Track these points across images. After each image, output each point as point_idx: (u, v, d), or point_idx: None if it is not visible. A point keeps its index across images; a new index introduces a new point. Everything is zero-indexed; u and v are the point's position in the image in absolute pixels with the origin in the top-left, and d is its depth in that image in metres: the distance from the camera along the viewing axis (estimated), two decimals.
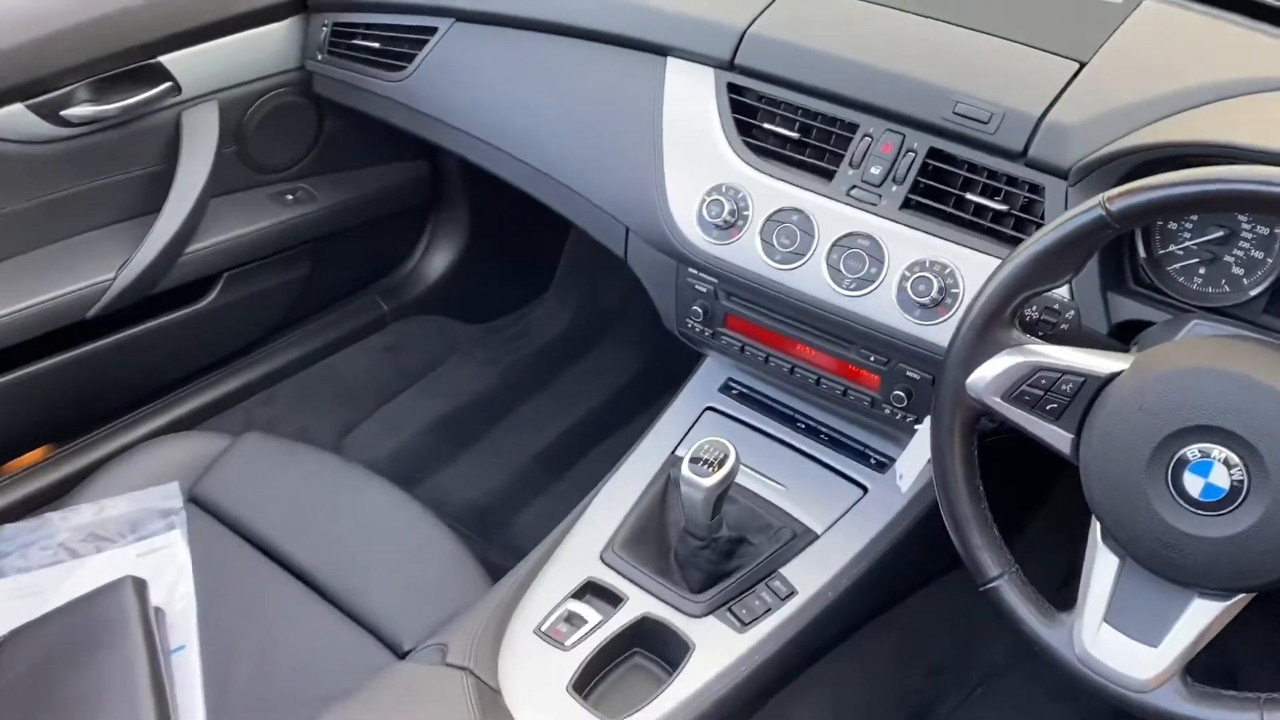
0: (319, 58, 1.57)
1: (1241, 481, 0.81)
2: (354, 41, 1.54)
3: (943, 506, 0.96)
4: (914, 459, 1.14)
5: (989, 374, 0.91)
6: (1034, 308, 1.02)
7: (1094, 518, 0.91)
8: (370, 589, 1.20)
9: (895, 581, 1.29)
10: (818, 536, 1.21)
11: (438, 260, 2.01)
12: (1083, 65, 1.11)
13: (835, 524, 1.22)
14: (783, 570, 1.18)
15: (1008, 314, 0.92)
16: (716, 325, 1.28)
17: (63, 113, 1.34)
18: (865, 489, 1.26)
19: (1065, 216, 0.88)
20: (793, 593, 1.16)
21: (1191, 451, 0.82)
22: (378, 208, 1.82)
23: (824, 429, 1.32)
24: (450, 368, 2.02)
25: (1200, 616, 0.87)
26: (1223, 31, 1.17)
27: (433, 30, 1.45)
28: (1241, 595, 0.86)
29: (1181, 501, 0.83)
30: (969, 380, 0.92)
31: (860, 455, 1.29)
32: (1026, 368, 0.90)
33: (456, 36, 1.44)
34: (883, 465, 1.27)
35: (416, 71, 1.48)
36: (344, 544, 1.27)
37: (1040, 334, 0.96)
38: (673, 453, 1.30)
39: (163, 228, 1.46)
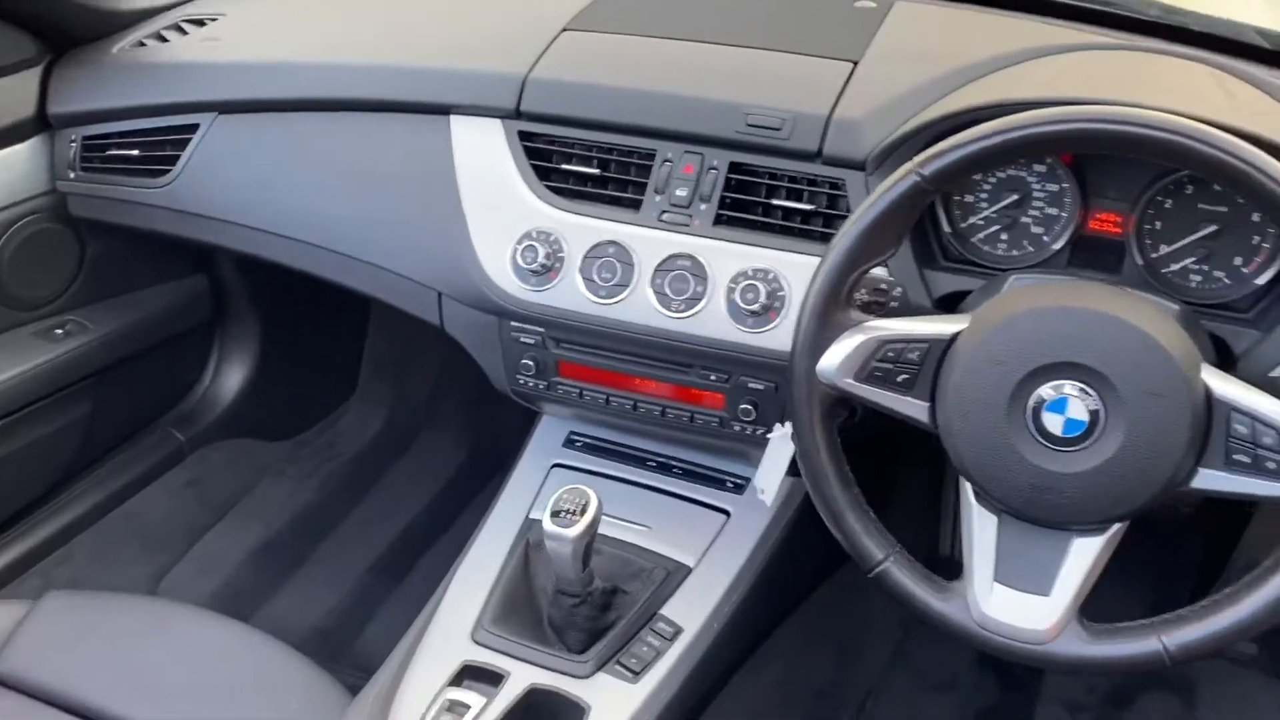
0: (71, 176, 1.46)
1: (1098, 410, 0.83)
2: (109, 153, 1.43)
3: (817, 500, 0.95)
4: (771, 471, 1.12)
5: (837, 357, 0.91)
6: (863, 291, 1.04)
7: (963, 481, 0.91)
8: None
9: (774, 603, 1.26)
10: (691, 570, 1.17)
11: (230, 380, 1.88)
12: (856, 64, 1.16)
13: (706, 553, 1.19)
14: (663, 610, 1.13)
15: (844, 295, 0.92)
16: (550, 376, 1.24)
17: None
18: (728, 513, 1.23)
19: (882, 189, 0.89)
20: (679, 631, 1.11)
21: (1046, 391, 0.84)
22: (159, 331, 1.69)
23: (675, 463, 1.29)
24: (262, 491, 1.88)
25: (1083, 556, 0.88)
26: (971, 19, 1.25)
27: (194, 128, 1.37)
28: (1116, 526, 0.88)
29: (1046, 442, 0.84)
30: (819, 367, 0.92)
31: (717, 482, 1.26)
32: (872, 344, 0.91)
33: (221, 130, 1.36)
34: (740, 487, 1.25)
35: (183, 173, 1.38)
36: (184, 691, 1.13)
37: (874, 315, 0.97)
38: (526, 517, 1.24)
39: None
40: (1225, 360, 0.98)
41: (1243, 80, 1.06)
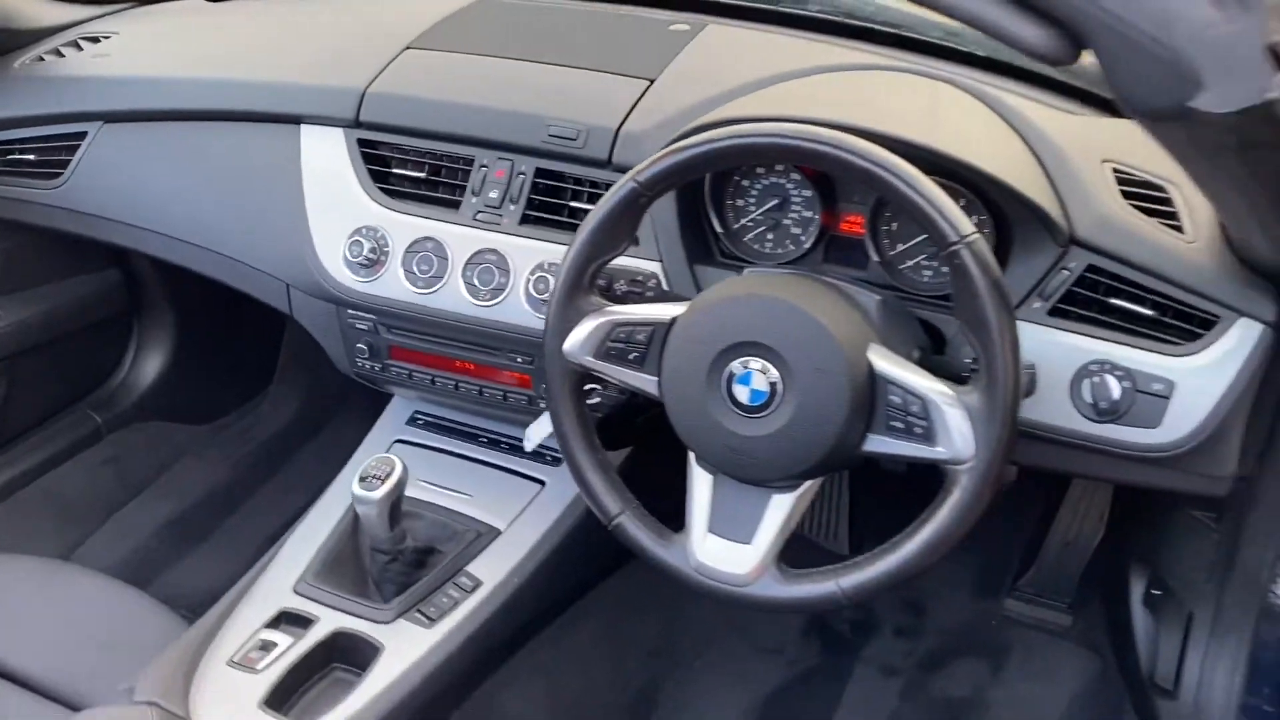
0: None
1: (776, 383, 0.96)
2: (9, 157, 1.58)
3: (567, 462, 1.09)
4: (542, 424, 1.24)
5: (579, 337, 1.05)
6: (621, 282, 1.17)
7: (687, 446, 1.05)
8: (44, 656, 1.20)
9: (584, 564, 1.40)
10: (500, 532, 1.31)
11: (149, 367, 2.03)
12: (652, 83, 1.30)
13: (517, 518, 1.33)
14: (469, 567, 1.27)
15: (585, 284, 1.06)
16: (384, 359, 1.39)
17: None
18: (543, 483, 1.37)
19: (606, 196, 1.03)
20: (478, 584, 1.25)
21: (736, 366, 0.98)
22: (74, 320, 1.84)
23: (503, 438, 1.43)
24: (178, 470, 2.03)
25: (778, 510, 1.01)
26: (768, 42, 1.38)
27: (82, 135, 1.52)
28: (808, 484, 1.01)
29: (737, 409, 0.98)
30: (565, 347, 1.06)
31: (537, 455, 1.40)
32: (606, 326, 1.04)
33: (106, 137, 1.51)
34: (558, 460, 1.39)
35: (73, 176, 1.54)
36: (29, 627, 1.25)
37: (629, 302, 1.10)
38: None
39: None
40: (938, 344, 1.11)
41: (973, 95, 1.19)
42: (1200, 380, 1.01)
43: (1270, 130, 0.54)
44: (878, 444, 0.97)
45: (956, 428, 0.93)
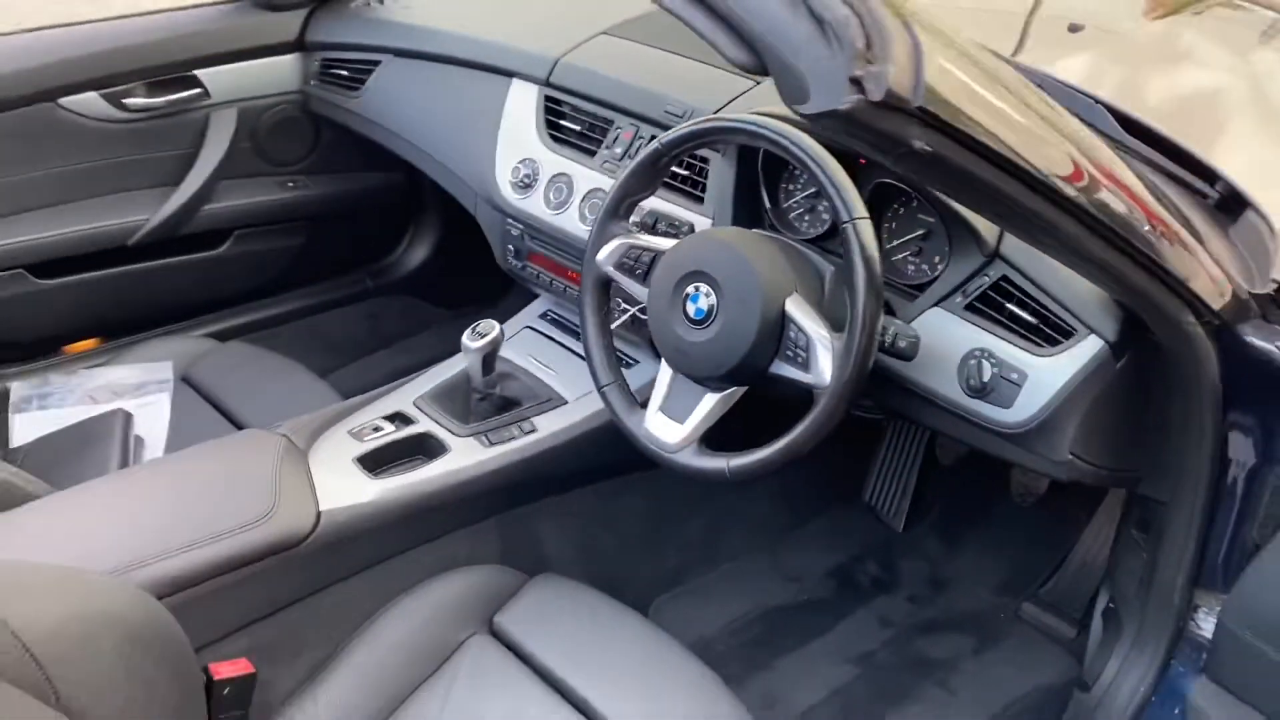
0: (312, 84, 2.22)
1: (714, 304, 1.30)
2: (332, 71, 2.18)
3: (583, 343, 1.48)
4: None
5: (605, 252, 1.44)
6: (663, 223, 1.54)
7: None
8: (258, 415, 1.74)
9: (627, 445, 1.77)
10: (566, 401, 1.72)
11: (417, 254, 2.62)
12: (758, 83, 1.64)
13: (582, 396, 1.73)
14: (534, 418, 1.69)
15: (619, 213, 1.44)
16: (524, 259, 1.83)
17: (124, 101, 2.02)
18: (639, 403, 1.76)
19: (640, 153, 1.40)
20: (534, 430, 1.67)
21: (690, 288, 1.32)
22: (363, 203, 2.44)
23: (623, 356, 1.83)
24: (420, 339, 2.60)
25: (707, 404, 1.35)
26: None
27: (377, 62, 2.08)
28: (730, 389, 1.34)
29: (688, 321, 1.32)
30: (596, 257, 1.45)
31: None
32: (624, 247, 1.42)
33: (392, 66, 2.07)
34: (630, 365, 1.77)
35: (366, 92, 2.10)
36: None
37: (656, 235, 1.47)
38: None
39: (185, 190, 2.12)
40: (889, 312, 1.38)
41: None
42: (1045, 376, 1.23)
43: (859, 129, 0.82)
44: (778, 367, 1.29)
45: (824, 361, 1.23)
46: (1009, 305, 1.29)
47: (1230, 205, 1.36)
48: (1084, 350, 1.22)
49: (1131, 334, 1.20)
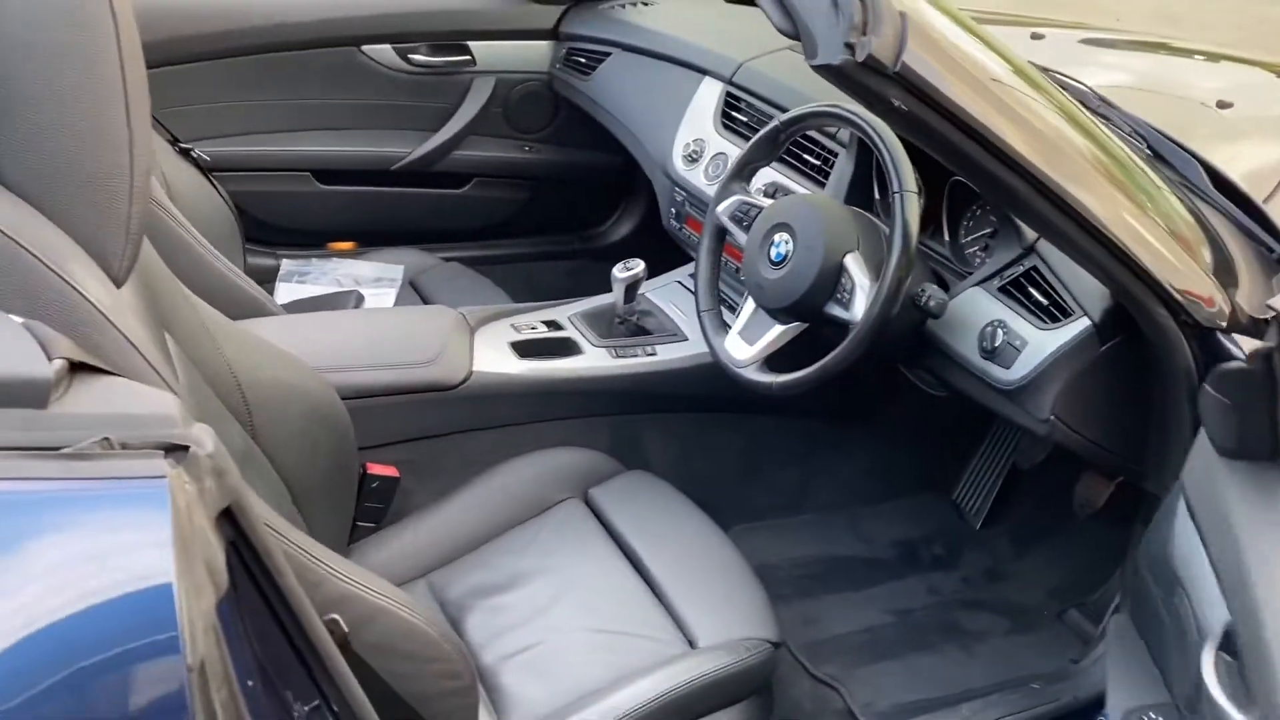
0: (557, 68, 2.69)
1: (790, 250, 1.62)
2: (574, 59, 2.64)
3: (695, 277, 1.83)
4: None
5: (724, 205, 1.79)
6: (781, 193, 1.87)
7: None
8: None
9: (730, 385, 2.08)
10: (687, 339, 2.07)
11: (622, 229, 3.04)
12: None
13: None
14: (657, 346, 2.05)
15: (741, 175, 1.78)
16: (682, 223, 2.20)
17: (410, 56, 2.55)
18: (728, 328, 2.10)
19: (766, 128, 1.74)
20: (654, 354, 2.03)
21: (776, 235, 1.65)
22: (584, 176, 2.89)
23: (727, 301, 2.18)
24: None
25: (774, 332, 1.67)
26: None
27: (608, 54, 2.53)
28: (795, 322, 1.65)
29: (770, 262, 1.65)
30: (717, 208, 1.80)
31: None
32: (737, 201, 1.77)
33: (618, 59, 2.50)
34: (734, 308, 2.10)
35: (595, 78, 2.55)
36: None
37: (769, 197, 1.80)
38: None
39: (442, 135, 2.63)
40: (941, 284, 1.65)
41: None
42: (1039, 344, 1.47)
43: (849, 83, 1.13)
44: (830, 308, 1.59)
45: (859, 303, 1.53)
46: (1030, 289, 1.54)
47: None
48: (1074, 328, 1.45)
49: (1117, 320, 1.43)
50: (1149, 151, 1.67)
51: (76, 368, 0.86)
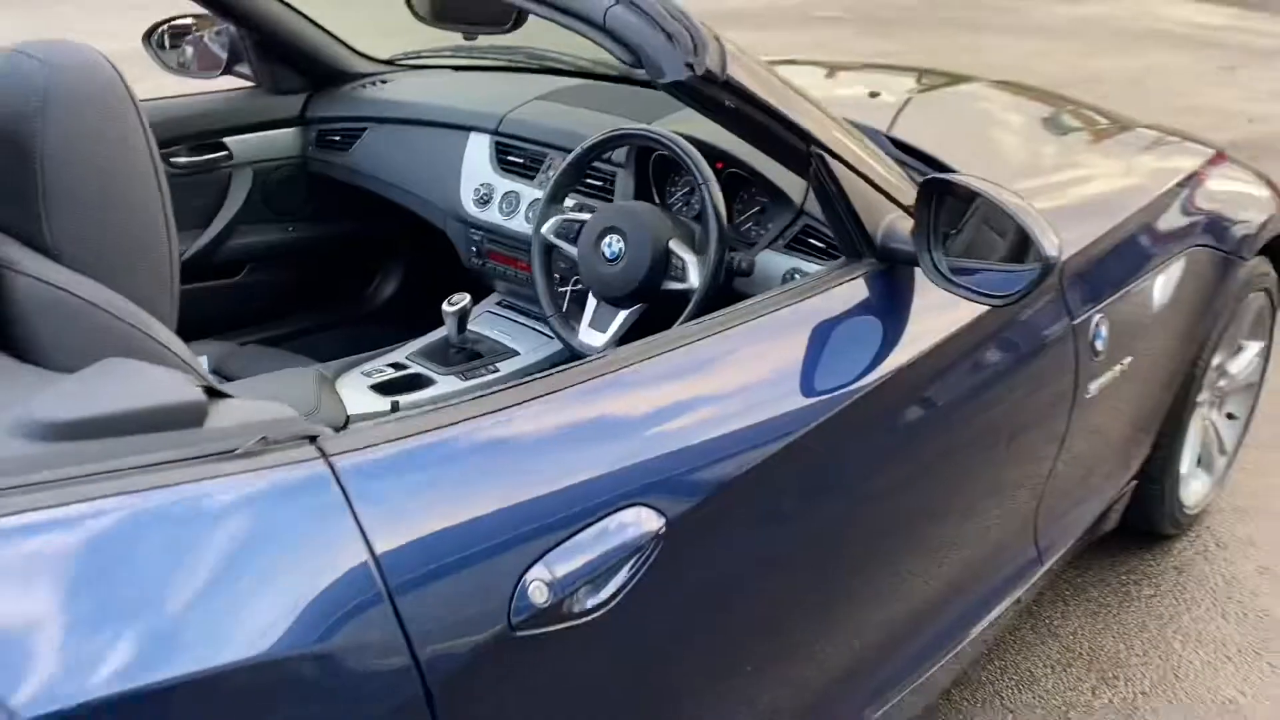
0: (310, 149, 2.90)
1: (622, 247, 1.99)
2: (326, 138, 2.87)
3: (535, 291, 2.15)
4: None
5: (547, 225, 2.12)
6: (584, 212, 2.24)
7: None
8: None
9: None
10: (519, 353, 2.37)
11: (387, 289, 3.26)
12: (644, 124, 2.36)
13: (531, 350, 2.38)
14: (497, 363, 2.33)
15: (557, 199, 2.13)
16: (484, 258, 2.51)
17: (172, 160, 2.67)
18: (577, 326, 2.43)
19: (572, 154, 2.11)
20: (497, 370, 2.31)
21: (607, 238, 2.01)
22: (339, 250, 3.09)
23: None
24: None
25: (620, 317, 2.03)
26: None
27: (364, 129, 2.78)
28: (637, 305, 2.02)
29: (605, 260, 2.01)
30: (541, 230, 2.13)
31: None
32: (560, 221, 2.12)
33: (374, 132, 2.76)
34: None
35: (354, 151, 2.79)
36: None
37: None
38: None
39: (212, 230, 2.76)
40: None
41: None
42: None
43: (691, 94, 1.52)
44: (667, 285, 1.97)
45: (694, 274, 1.92)
46: (809, 240, 2.00)
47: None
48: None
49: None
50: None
51: (208, 393, 1.09)
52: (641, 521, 1.26)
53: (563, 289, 2.24)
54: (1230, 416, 2.94)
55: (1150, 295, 2.22)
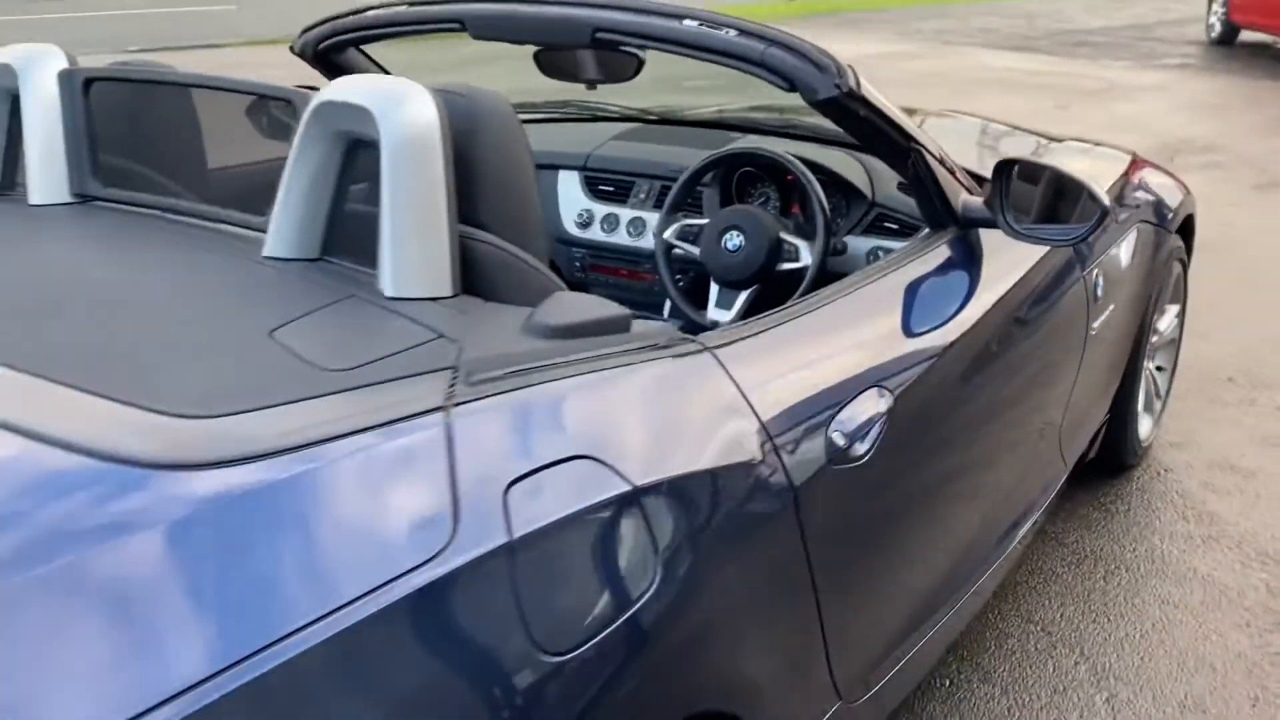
0: None
1: (742, 241, 2.53)
2: None
3: (662, 285, 2.67)
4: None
5: (670, 230, 2.65)
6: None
7: None
8: None
9: None
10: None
11: None
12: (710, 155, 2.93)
13: None
14: None
15: (677, 206, 2.67)
16: (587, 271, 3.01)
17: None
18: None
19: (688, 170, 2.65)
20: None
21: (728, 234, 2.55)
22: None
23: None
24: None
25: (742, 297, 2.57)
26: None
27: None
28: (755, 286, 2.56)
29: (728, 253, 2.54)
30: (664, 234, 2.66)
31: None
32: (681, 225, 2.65)
33: None
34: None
35: None
36: None
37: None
38: None
39: None
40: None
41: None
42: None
43: (836, 108, 2.08)
44: (782, 266, 2.52)
45: (806, 254, 2.48)
46: (886, 224, 2.59)
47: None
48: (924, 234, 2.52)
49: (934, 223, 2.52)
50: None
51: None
52: (880, 398, 1.80)
53: (679, 280, 2.78)
54: (1159, 369, 3.65)
55: (1120, 257, 2.89)
